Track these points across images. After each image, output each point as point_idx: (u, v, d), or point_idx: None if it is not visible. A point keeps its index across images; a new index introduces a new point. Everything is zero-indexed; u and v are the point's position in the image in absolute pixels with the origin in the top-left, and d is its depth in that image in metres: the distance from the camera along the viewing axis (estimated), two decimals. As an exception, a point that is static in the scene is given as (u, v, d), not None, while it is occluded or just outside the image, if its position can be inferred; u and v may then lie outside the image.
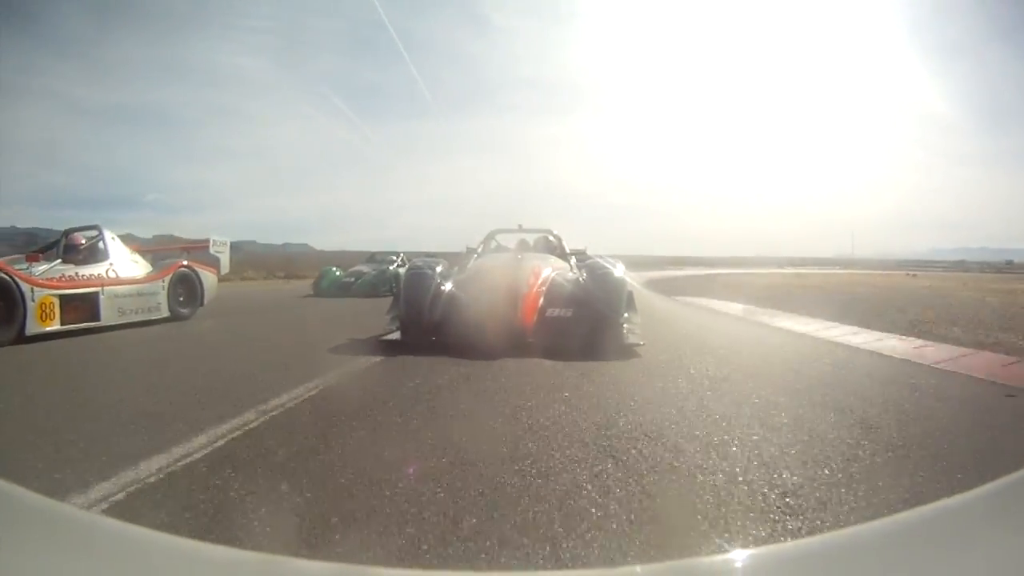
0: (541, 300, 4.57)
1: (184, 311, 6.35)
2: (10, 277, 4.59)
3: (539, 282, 4.73)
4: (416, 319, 4.46)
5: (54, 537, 0.65)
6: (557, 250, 6.30)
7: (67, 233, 6.08)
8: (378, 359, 3.93)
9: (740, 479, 1.69)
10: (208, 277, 6.84)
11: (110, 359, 4.37)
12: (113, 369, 4.03)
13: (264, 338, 5.50)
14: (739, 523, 1.40)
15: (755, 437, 2.11)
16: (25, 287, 4.65)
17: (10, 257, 5.26)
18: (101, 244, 5.94)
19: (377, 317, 5.34)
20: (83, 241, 5.91)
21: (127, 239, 6.60)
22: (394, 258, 13.16)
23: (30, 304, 4.66)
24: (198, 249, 7.31)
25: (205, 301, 6.74)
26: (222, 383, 3.19)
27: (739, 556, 0.82)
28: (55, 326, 4.88)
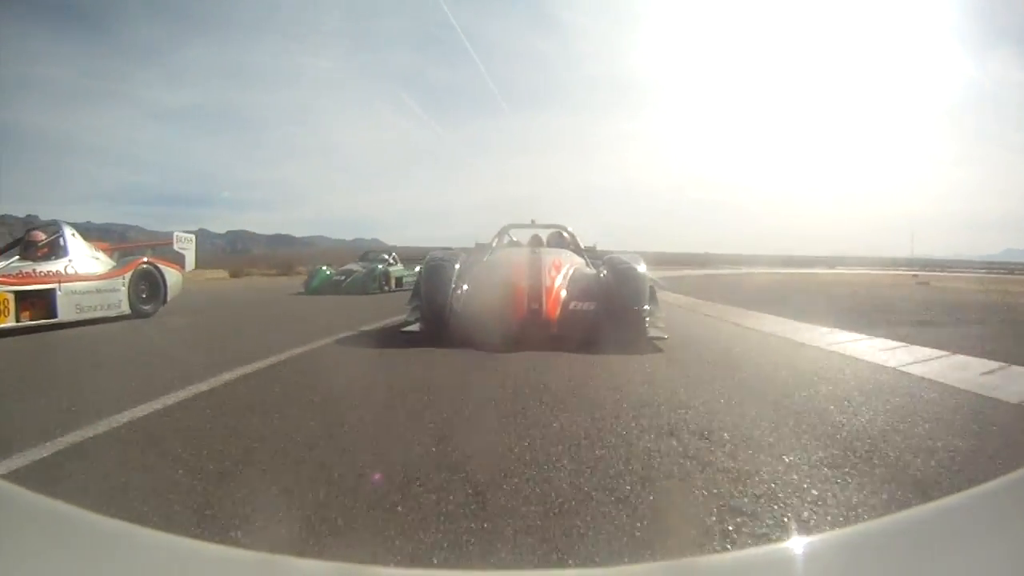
0: (564, 293, 4.64)
1: (146, 308, 6.37)
2: (-38, 274, 4.60)
3: (560, 276, 4.81)
4: (436, 311, 4.47)
5: (54, 537, 0.65)
6: (571, 245, 6.32)
7: (29, 231, 6.07)
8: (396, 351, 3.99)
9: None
10: (172, 274, 6.85)
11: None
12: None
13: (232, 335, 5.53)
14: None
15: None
16: (-22, 284, 4.67)
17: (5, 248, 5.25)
18: (61, 240, 5.92)
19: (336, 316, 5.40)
20: (43, 237, 5.91)
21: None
22: (386, 256, 13.28)
23: (-16, 302, 4.69)
24: (162, 246, 7.31)
25: (168, 298, 6.76)
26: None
27: (739, 556, 0.84)
28: (10, 323, 4.90)
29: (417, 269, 13.54)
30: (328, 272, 11.90)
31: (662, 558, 1.18)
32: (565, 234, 6.68)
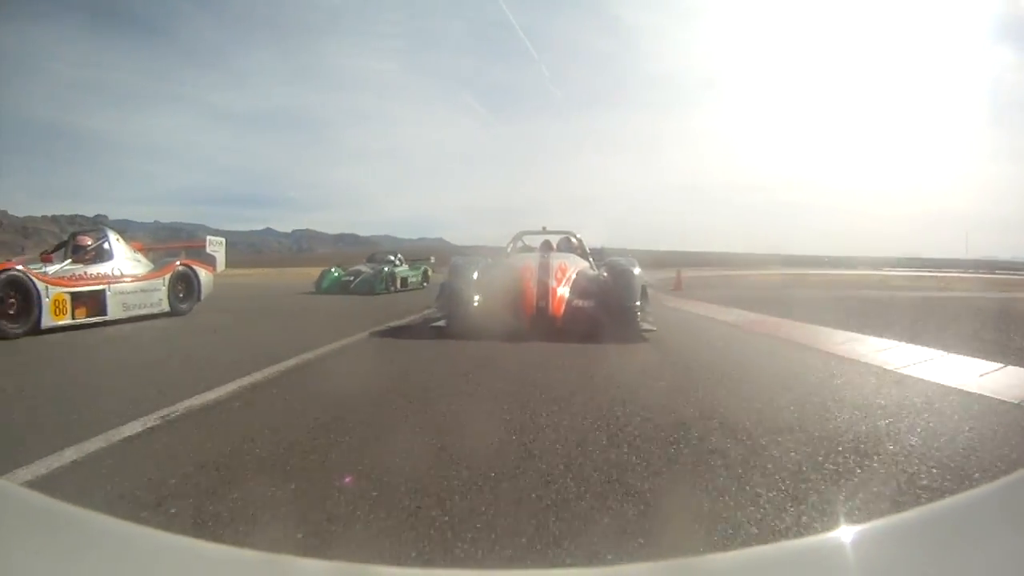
0: (568, 293, 5.28)
1: (183, 306, 6.90)
2: (27, 276, 5.13)
3: (566, 277, 5.44)
4: (460, 308, 5.17)
5: (54, 537, 0.65)
6: (578, 250, 6.96)
7: (74, 235, 6.61)
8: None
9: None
10: (204, 275, 7.37)
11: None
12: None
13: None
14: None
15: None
16: (40, 285, 5.19)
17: (27, 256, 5.80)
18: (106, 245, 6.44)
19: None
20: (90, 242, 6.44)
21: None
22: (391, 258, 13.70)
23: (45, 301, 5.20)
24: (196, 246, 7.86)
25: (202, 297, 7.29)
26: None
27: (739, 556, 0.85)
28: (67, 320, 5.44)
29: (423, 269, 14.21)
30: (337, 273, 12.36)
31: (662, 557, 1.22)
32: (573, 240, 7.29)
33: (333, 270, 12.59)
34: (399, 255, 14.22)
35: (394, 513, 1.49)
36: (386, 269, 12.49)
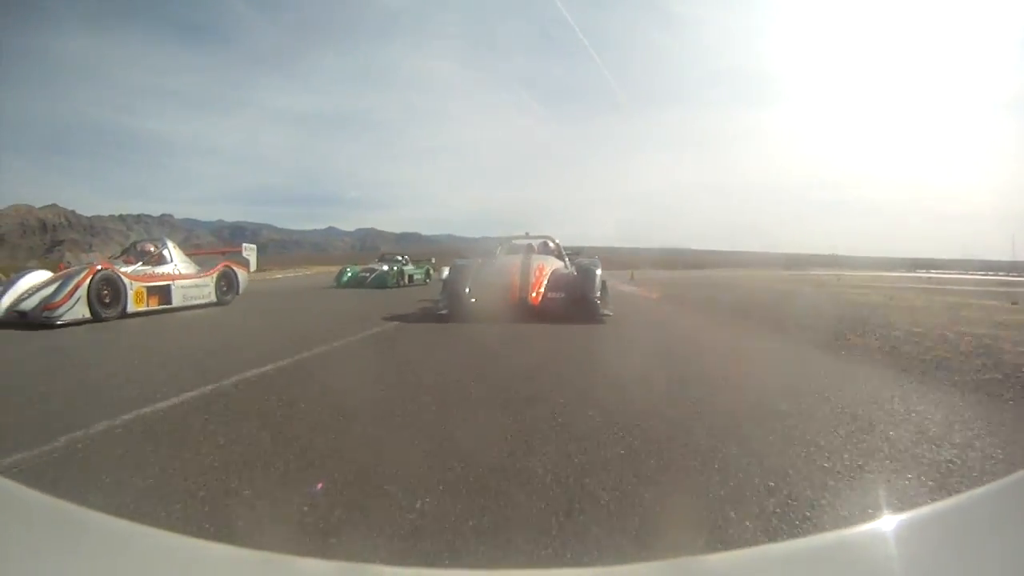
0: (544, 287, 6.82)
1: (226, 298, 8.63)
2: (116, 274, 6.86)
3: (542, 275, 7.00)
4: (458, 300, 6.70)
5: (54, 536, 0.65)
6: (555, 251, 8.65)
7: (135, 243, 8.39)
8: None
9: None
10: (242, 274, 9.11)
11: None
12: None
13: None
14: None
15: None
16: (126, 281, 6.92)
17: (113, 257, 7.57)
18: (166, 251, 8.20)
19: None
20: (152, 249, 8.19)
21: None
22: (399, 258, 15.98)
23: (129, 293, 6.93)
24: (234, 251, 9.60)
25: (240, 291, 9.02)
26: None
27: (739, 556, 0.86)
28: (144, 307, 7.15)
29: (425, 268, 16.25)
30: (352, 272, 14.34)
31: (662, 557, 1.23)
32: (551, 243, 8.99)
33: (349, 268, 14.60)
34: (406, 256, 16.48)
35: (451, 370, 3.37)
36: (395, 267, 14.48)
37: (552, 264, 7.54)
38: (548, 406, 2.61)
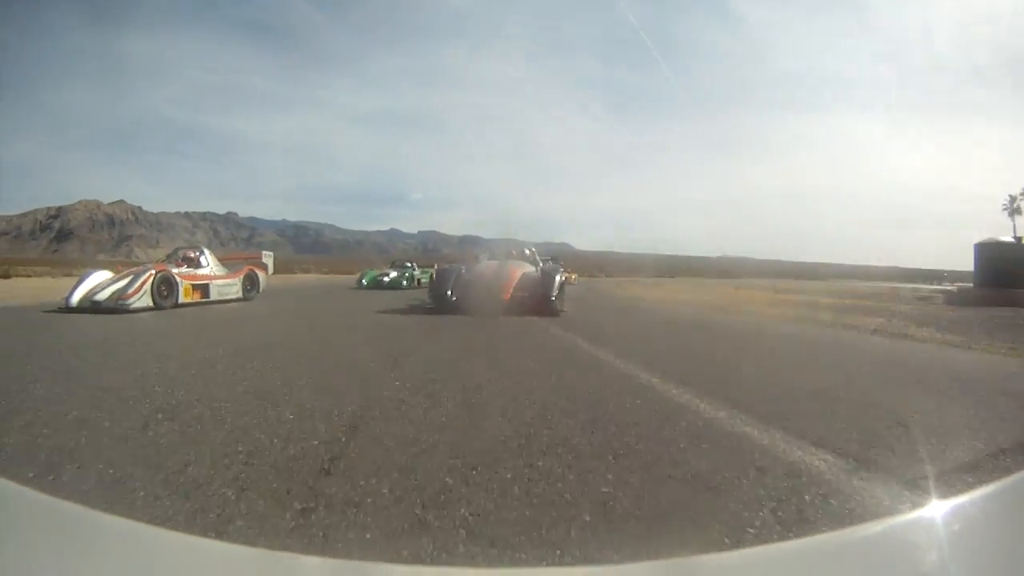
0: (513, 288, 8.76)
1: (251, 294, 10.88)
2: (171, 274, 9.04)
3: (514, 278, 8.98)
4: (442, 297, 8.78)
5: (54, 536, 0.66)
6: (530, 258, 10.66)
7: (178, 249, 10.60)
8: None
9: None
10: (262, 276, 11.36)
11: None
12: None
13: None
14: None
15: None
16: (177, 279, 9.11)
17: (166, 259, 9.85)
18: (204, 258, 10.40)
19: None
20: (193, 255, 10.38)
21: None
22: (408, 264, 19.35)
23: (180, 289, 9.11)
24: (255, 258, 11.84)
25: (261, 290, 11.24)
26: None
27: (739, 556, 0.87)
28: (191, 300, 9.34)
29: (431, 273, 18.95)
30: (373, 274, 17.45)
31: (662, 557, 1.26)
32: (527, 251, 11.02)
33: (370, 271, 17.85)
34: (414, 262, 19.96)
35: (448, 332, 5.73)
36: (407, 274, 17.70)
37: (524, 268, 9.53)
38: (487, 336, 5.19)
